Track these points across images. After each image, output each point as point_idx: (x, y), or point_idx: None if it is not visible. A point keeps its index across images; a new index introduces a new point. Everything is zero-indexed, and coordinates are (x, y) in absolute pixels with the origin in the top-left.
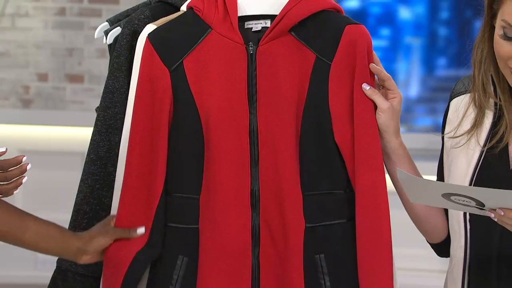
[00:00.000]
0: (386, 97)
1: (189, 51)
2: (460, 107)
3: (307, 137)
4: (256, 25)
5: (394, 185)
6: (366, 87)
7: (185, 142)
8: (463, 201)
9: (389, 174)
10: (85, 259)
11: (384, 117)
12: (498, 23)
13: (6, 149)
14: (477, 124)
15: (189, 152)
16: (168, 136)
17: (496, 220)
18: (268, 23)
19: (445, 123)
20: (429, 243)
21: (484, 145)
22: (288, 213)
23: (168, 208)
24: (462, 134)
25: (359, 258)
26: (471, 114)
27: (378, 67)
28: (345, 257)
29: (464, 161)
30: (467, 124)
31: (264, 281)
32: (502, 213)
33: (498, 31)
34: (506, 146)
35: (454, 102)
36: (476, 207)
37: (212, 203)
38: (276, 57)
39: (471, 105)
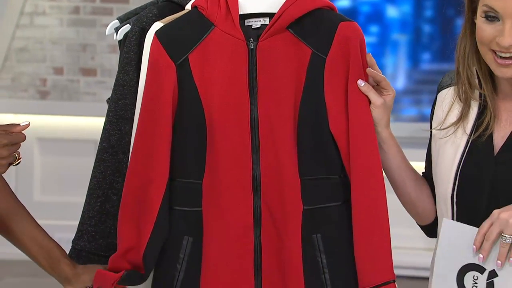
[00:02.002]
0: (380, 93)
1: (194, 47)
2: (446, 99)
3: (304, 126)
4: (256, 23)
5: (384, 171)
6: (361, 83)
7: (189, 131)
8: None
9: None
10: None
11: (377, 112)
12: (480, 10)
13: (29, 123)
14: (463, 116)
15: (192, 141)
16: (173, 125)
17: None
18: (266, 21)
19: (433, 114)
20: (419, 225)
21: (471, 134)
22: (287, 196)
23: (172, 192)
24: (449, 126)
25: (356, 243)
26: (457, 107)
27: (373, 70)
28: (340, 237)
29: (451, 149)
30: (453, 117)
31: (266, 259)
32: (500, 263)
33: (480, 16)
34: (491, 134)
35: (441, 94)
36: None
37: (216, 187)
38: (275, 52)
39: (456, 99)
